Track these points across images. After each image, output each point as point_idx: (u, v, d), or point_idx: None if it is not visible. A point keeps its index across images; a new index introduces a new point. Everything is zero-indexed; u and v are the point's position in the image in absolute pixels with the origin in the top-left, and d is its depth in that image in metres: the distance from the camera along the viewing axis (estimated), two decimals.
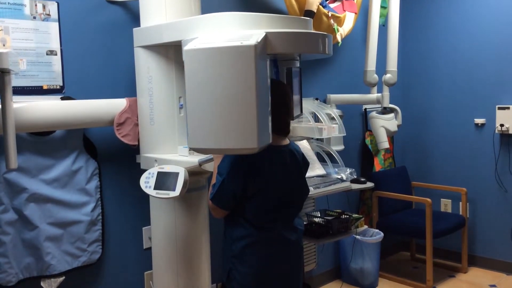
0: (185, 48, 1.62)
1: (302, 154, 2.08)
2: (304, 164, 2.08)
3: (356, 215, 3.10)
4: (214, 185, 1.92)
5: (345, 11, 3.47)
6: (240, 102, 1.56)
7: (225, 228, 2.02)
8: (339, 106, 3.71)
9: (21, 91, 2.22)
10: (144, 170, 2.12)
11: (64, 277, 2.33)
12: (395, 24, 3.62)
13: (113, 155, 2.53)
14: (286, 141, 1.99)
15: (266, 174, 1.87)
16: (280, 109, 1.88)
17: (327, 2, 3.44)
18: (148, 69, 2.22)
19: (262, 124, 1.60)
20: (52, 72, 2.32)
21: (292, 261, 2.04)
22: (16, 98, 1.98)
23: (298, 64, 2.13)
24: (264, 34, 1.64)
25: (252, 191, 1.86)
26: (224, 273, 2.00)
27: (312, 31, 1.89)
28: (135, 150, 2.42)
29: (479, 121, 4.05)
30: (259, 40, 1.57)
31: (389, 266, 4.15)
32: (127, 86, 2.53)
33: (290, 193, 1.98)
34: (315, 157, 3.12)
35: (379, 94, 3.58)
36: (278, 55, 1.97)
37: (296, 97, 2.08)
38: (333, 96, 3.70)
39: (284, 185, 1.94)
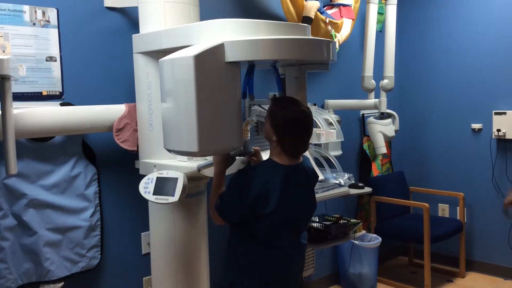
0: (159, 60, 1.82)
1: (313, 169, 2.05)
2: (314, 178, 2.06)
3: (354, 220, 3.12)
4: (221, 196, 1.89)
5: (342, 17, 3.49)
6: (185, 107, 1.70)
7: (230, 240, 2.00)
8: (337, 111, 3.72)
9: (20, 97, 2.23)
10: (143, 176, 2.12)
11: (63, 283, 2.33)
12: (392, 30, 3.64)
13: (112, 161, 2.54)
14: (299, 159, 1.94)
15: (278, 196, 1.82)
16: (292, 132, 1.83)
17: (325, 8, 3.46)
18: (148, 75, 2.23)
19: (208, 128, 1.70)
20: (52, 78, 2.33)
21: (293, 275, 2.03)
22: (15, 104, 1.98)
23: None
24: (220, 43, 1.71)
25: (262, 213, 1.82)
26: (226, 285, 1.99)
27: (312, 36, 1.91)
28: (134, 155, 2.43)
29: (476, 126, 4.07)
30: (203, 50, 1.67)
31: (387, 271, 4.16)
32: (126, 92, 2.54)
33: (301, 212, 1.96)
34: (313, 163, 3.13)
35: (377, 100, 3.60)
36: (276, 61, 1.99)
37: None
38: (331, 102, 3.72)
39: (296, 205, 1.91)
